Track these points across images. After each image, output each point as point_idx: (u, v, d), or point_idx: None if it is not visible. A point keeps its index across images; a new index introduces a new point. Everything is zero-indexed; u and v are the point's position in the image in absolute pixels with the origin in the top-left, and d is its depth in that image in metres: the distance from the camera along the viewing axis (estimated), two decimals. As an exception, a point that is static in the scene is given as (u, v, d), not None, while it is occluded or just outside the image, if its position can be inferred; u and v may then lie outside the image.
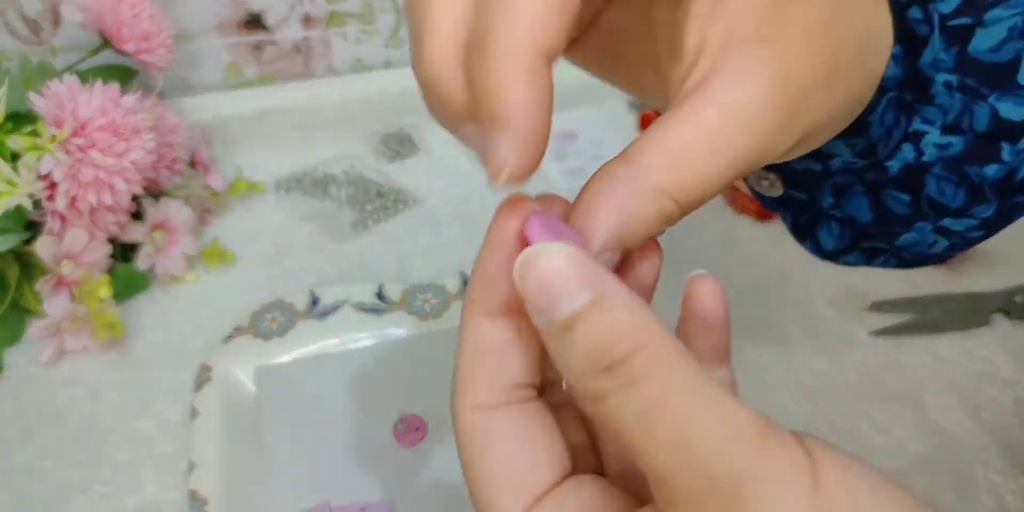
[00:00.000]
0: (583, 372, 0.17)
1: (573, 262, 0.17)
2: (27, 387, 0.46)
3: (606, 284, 0.17)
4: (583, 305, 0.17)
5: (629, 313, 0.17)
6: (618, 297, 0.17)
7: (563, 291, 0.17)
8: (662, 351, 0.17)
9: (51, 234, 0.46)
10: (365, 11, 0.69)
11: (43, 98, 0.44)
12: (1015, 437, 0.43)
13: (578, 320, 0.17)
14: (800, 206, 0.30)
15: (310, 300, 0.48)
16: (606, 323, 0.17)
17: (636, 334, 0.17)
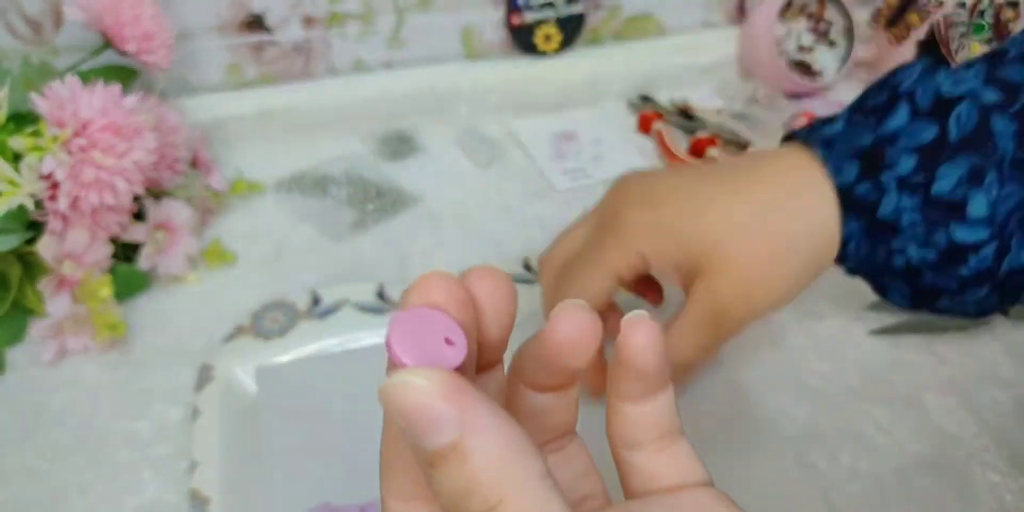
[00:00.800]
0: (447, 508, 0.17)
1: (435, 399, 0.16)
2: (28, 387, 0.46)
3: (471, 424, 0.16)
4: (444, 447, 0.16)
5: (492, 460, 0.16)
6: (484, 440, 0.16)
7: (424, 429, 0.16)
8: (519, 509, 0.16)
9: (53, 234, 0.46)
10: (366, 12, 0.69)
11: (45, 98, 0.45)
12: (1015, 437, 0.43)
13: (439, 460, 0.16)
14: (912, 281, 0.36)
15: (311, 300, 0.48)
16: (465, 472, 0.16)
17: (495, 488, 0.16)
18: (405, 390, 0.16)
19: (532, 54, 0.73)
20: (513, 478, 0.16)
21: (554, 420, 0.22)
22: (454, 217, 0.58)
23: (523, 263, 0.51)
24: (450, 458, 0.16)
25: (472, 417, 0.16)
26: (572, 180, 0.62)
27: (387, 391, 0.16)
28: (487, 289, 0.20)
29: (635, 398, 0.21)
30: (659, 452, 0.21)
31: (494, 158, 0.65)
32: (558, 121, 0.69)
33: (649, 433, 0.21)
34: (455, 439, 0.16)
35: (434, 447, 0.16)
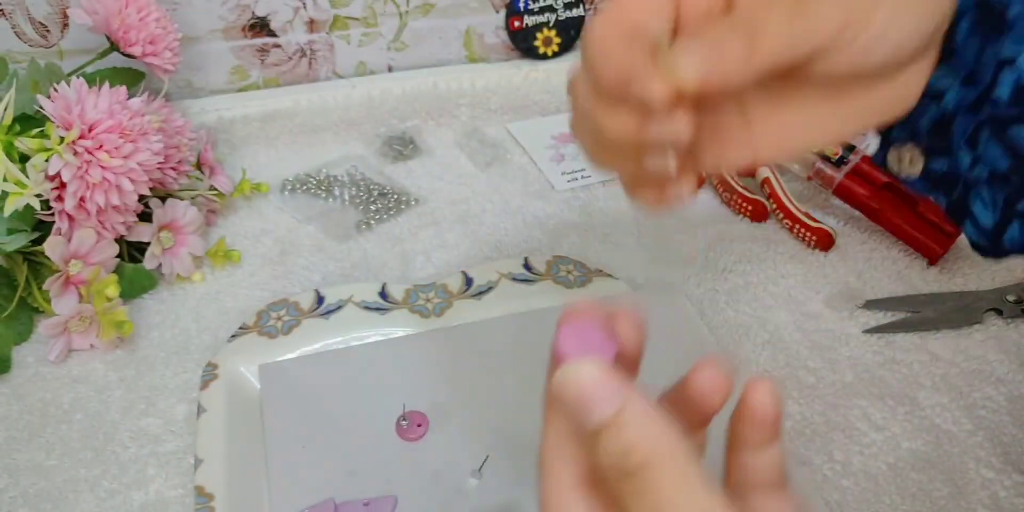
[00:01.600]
0: (607, 470, 0.22)
1: (598, 381, 0.22)
2: (35, 385, 0.46)
3: (626, 402, 0.21)
4: (605, 420, 0.21)
5: (643, 429, 0.21)
6: (635, 414, 0.21)
7: (590, 406, 0.21)
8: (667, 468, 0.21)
9: (59, 234, 0.46)
10: (368, 15, 0.69)
11: (51, 101, 0.45)
12: (1008, 434, 0.43)
13: (602, 431, 0.21)
14: (947, 179, 0.31)
15: (315, 299, 0.49)
16: (623, 438, 0.21)
17: (647, 450, 0.21)
18: (577, 376, 0.22)
19: (532, 57, 0.74)
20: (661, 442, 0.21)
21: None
22: (456, 217, 0.59)
23: (523, 263, 0.52)
24: (611, 427, 0.21)
25: (626, 396, 0.21)
26: (571, 181, 0.63)
27: (562, 378, 0.22)
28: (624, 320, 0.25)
29: (753, 447, 0.25)
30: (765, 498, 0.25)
31: (495, 159, 0.66)
32: (558, 123, 0.70)
33: (763, 478, 0.25)
34: (615, 411, 0.21)
35: (599, 419, 0.21)
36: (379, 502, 0.39)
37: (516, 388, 0.45)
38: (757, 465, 0.25)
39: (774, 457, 0.25)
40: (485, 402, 0.44)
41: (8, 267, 0.49)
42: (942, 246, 0.53)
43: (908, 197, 0.56)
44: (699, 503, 0.20)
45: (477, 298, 0.50)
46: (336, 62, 0.71)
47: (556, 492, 0.24)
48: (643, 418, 0.21)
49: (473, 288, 0.50)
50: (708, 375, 0.24)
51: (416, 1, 0.69)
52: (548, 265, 0.52)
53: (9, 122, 0.46)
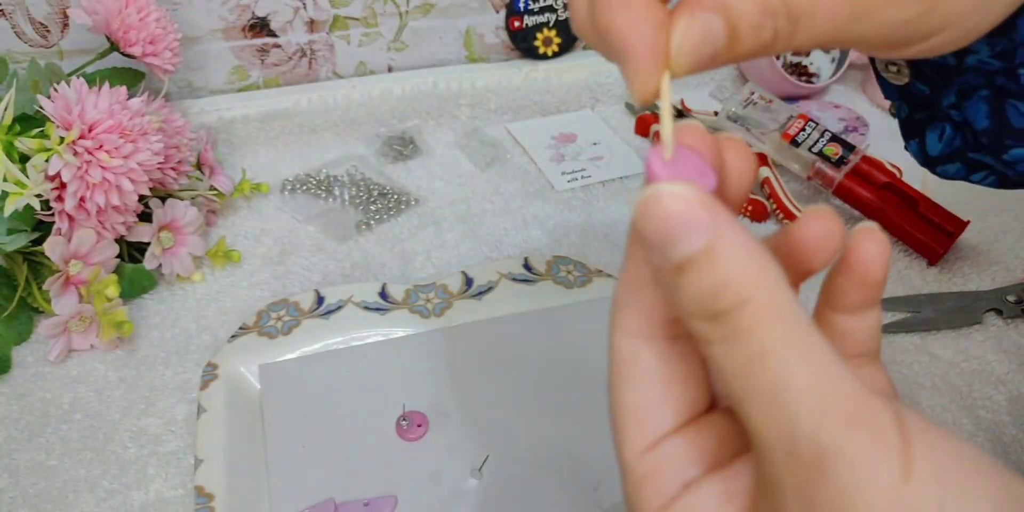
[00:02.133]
0: (691, 315, 0.18)
1: (691, 206, 0.17)
2: (35, 385, 0.46)
3: (722, 231, 0.17)
4: (695, 252, 0.17)
5: (740, 264, 0.17)
6: (732, 246, 0.17)
7: (677, 235, 0.17)
8: (768, 307, 0.17)
9: (59, 234, 0.46)
10: (368, 15, 0.69)
11: (51, 101, 0.45)
12: (1008, 434, 0.43)
13: (689, 266, 0.17)
14: (920, 101, 0.30)
15: (315, 299, 0.49)
16: (715, 273, 0.17)
17: (744, 288, 0.17)
18: (665, 199, 0.17)
19: (532, 57, 0.74)
20: (760, 279, 0.17)
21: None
22: (456, 217, 0.59)
23: (523, 263, 0.52)
24: (701, 261, 0.17)
25: (722, 224, 0.17)
26: (571, 181, 0.63)
27: (646, 200, 0.17)
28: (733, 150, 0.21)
29: (851, 309, 0.21)
30: (857, 369, 0.22)
31: (495, 159, 0.66)
32: (557, 123, 0.70)
33: (856, 347, 0.22)
34: (708, 242, 0.17)
35: (687, 252, 0.17)
36: (379, 502, 0.39)
37: (516, 388, 0.45)
38: (853, 331, 0.22)
39: (872, 322, 0.22)
40: (485, 402, 0.44)
41: (8, 267, 0.49)
42: (942, 246, 0.53)
43: (908, 197, 0.56)
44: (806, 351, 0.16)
45: (477, 298, 0.50)
46: (336, 62, 0.71)
47: (623, 340, 0.20)
48: (741, 252, 0.17)
49: (473, 288, 0.50)
50: (822, 222, 0.20)
51: (416, 1, 0.69)
52: (548, 265, 0.52)
53: (9, 122, 0.46)
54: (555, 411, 0.43)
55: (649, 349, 0.20)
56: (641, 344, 0.20)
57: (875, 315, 0.22)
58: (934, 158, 0.31)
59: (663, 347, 0.20)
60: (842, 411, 0.16)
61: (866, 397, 0.16)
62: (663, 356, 0.20)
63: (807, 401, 0.16)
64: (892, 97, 0.32)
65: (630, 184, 0.63)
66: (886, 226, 0.56)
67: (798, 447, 0.16)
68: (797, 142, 0.61)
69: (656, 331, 0.20)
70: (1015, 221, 0.58)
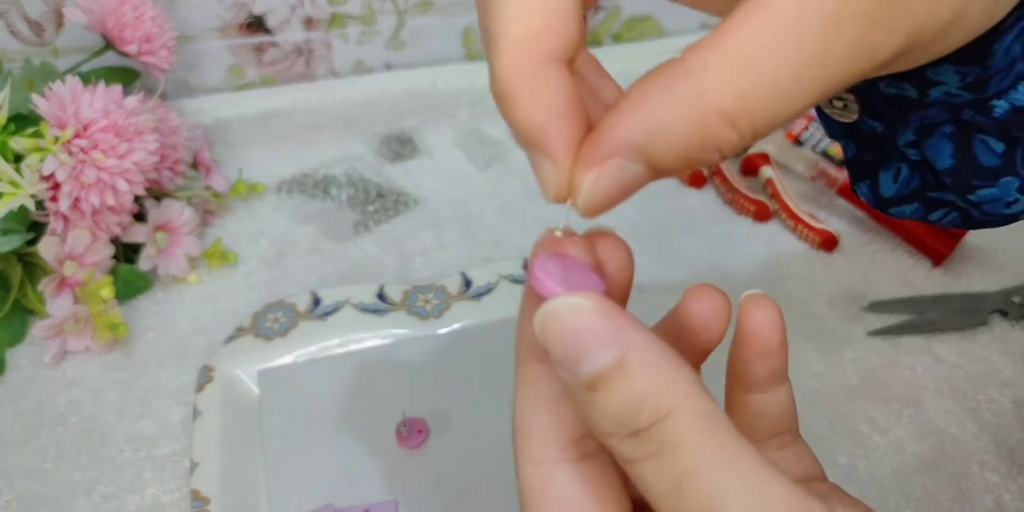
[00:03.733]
0: (609, 434, 0.16)
1: (595, 318, 0.16)
2: (30, 388, 0.46)
3: (632, 341, 0.16)
4: (605, 367, 0.16)
5: (656, 374, 0.16)
6: (643, 356, 0.16)
7: (585, 350, 0.16)
8: (691, 418, 0.16)
9: (54, 235, 0.46)
10: (366, 13, 0.69)
11: (46, 100, 0.45)
12: (1013, 437, 0.43)
13: (601, 382, 0.16)
14: (870, 139, 0.27)
15: (312, 301, 0.48)
16: (631, 388, 0.16)
17: (663, 399, 0.16)
18: (565, 313, 0.16)
19: (532, 55, 0.73)
20: (678, 388, 0.16)
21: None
22: (455, 218, 0.59)
23: (523, 264, 0.51)
24: (613, 377, 0.16)
25: (630, 333, 0.16)
26: (572, 181, 0.62)
27: (547, 317, 0.16)
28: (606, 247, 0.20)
29: (761, 385, 0.21)
30: (782, 449, 0.22)
31: (494, 159, 0.65)
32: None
33: (772, 427, 0.21)
34: (618, 355, 0.16)
35: (597, 368, 0.16)
36: (380, 508, 0.39)
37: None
38: (768, 409, 0.21)
39: (784, 398, 0.21)
40: (487, 407, 0.44)
41: (2, 268, 0.48)
42: (947, 247, 0.53)
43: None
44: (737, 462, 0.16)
45: (476, 300, 0.49)
46: (334, 61, 0.71)
47: (531, 469, 0.19)
48: (654, 360, 0.16)
49: (472, 289, 0.50)
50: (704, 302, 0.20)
51: (415, -1, 0.69)
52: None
53: (4, 121, 0.45)
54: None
55: (559, 475, 0.19)
56: (549, 471, 0.19)
57: (786, 390, 0.22)
58: (888, 199, 0.28)
59: (574, 470, 0.19)
60: None
61: (801, 504, 0.16)
62: (575, 480, 0.19)
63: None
64: (836, 135, 0.28)
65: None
66: (890, 226, 0.56)
67: None
68: (800, 141, 0.60)
69: (563, 454, 0.19)
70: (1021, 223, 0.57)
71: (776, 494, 0.15)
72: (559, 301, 0.16)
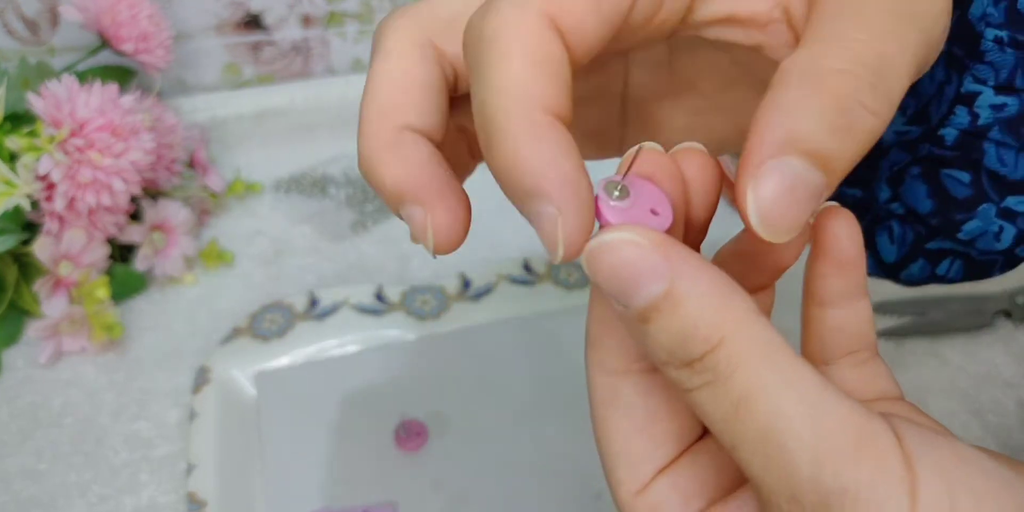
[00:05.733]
0: (664, 364, 0.16)
1: (642, 251, 0.16)
2: (25, 388, 0.46)
3: (680, 271, 0.16)
4: (655, 298, 0.16)
5: (706, 302, 0.16)
6: (694, 285, 0.16)
7: (633, 284, 0.16)
8: (744, 344, 0.16)
9: (49, 235, 0.46)
10: (364, 11, 0.68)
11: (41, 98, 0.44)
12: (1017, 439, 0.43)
13: (652, 313, 0.16)
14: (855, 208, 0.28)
15: (309, 301, 0.48)
16: (681, 317, 0.16)
17: (715, 328, 0.16)
18: (613, 246, 0.16)
19: (531, 54, 0.73)
20: (730, 315, 0.16)
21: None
22: (453, 217, 0.58)
23: (523, 263, 0.51)
24: (663, 307, 0.16)
25: (680, 264, 0.16)
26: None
27: (595, 249, 0.16)
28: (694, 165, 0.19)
29: (837, 299, 0.21)
30: (856, 368, 0.21)
31: (493, 158, 0.65)
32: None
33: (848, 343, 0.21)
34: (667, 287, 0.16)
35: (647, 300, 0.16)
36: (377, 511, 0.39)
37: (517, 394, 0.44)
38: (846, 324, 0.21)
39: (863, 314, 0.21)
40: (486, 409, 0.43)
41: (-3, 268, 0.48)
42: (948, 246, 0.52)
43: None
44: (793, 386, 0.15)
45: (475, 300, 0.49)
46: (331, 59, 0.70)
47: (601, 378, 0.19)
48: (705, 289, 0.16)
49: (471, 290, 0.49)
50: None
51: (413, -3, 0.69)
52: (548, 266, 0.51)
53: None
54: (557, 417, 0.43)
55: (629, 385, 0.19)
56: (620, 380, 0.19)
57: (864, 306, 0.21)
58: (893, 264, 0.29)
59: (643, 381, 0.19)
60: (841, 446, 0.15)
61: (864, 424, 0.15)
62: (645, 391, 0.19)
63: (803, 442, 0.15)
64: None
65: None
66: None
67: (800, 491, 0.15)
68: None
69: (634, 365, 0.19)
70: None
71: (836, 415, 0.15)
72: (608, 234, 0.16)
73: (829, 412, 0.15)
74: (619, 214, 0.17)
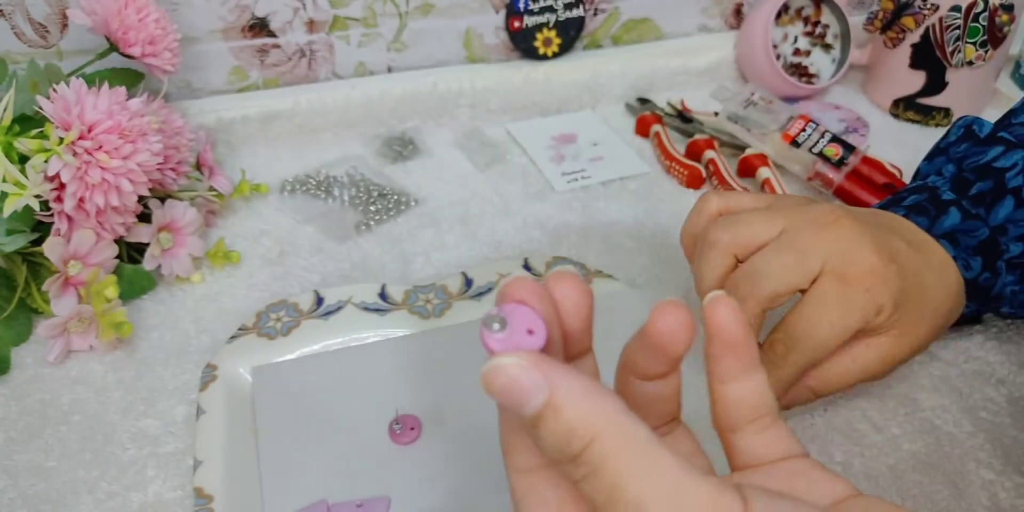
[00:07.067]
0: (556, 461, 0.20)
1: (525, 370, 0.19)
2: (34, 386, 0.46)
3: (557, 384, 0.19)
4: (540, 407, 0.19)
5: (580, 407, 0.19)
6: (568, 394, 0.19)
7: (521, 398, 0.19)
8: (614, 439, 0.19)
9: (58, 235, 0.46)
10: (368, 15, 0.69)
11: (50, 101, 0.45)
12: (1009, 435, 0.43)
13: (539, 421, 0.20)
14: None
15: (314, 300, 0.49)
16: (561, 422, 0.19)
17: (588, 427, 0.19)
18: (499, 370, 0.20)
19: (532, 57, 0.73)
20: (601, 416, 0.19)
21: (661, 407, 0.26)
22: (455, 218, 0.59)
23: (523, 263, 0.52)
24: (546, 415, 0.19)
25: (555, 378, 0.19)
26: (571, 181, 0.63)
27: (486, 375, 0.20)
28: (563, 288, 0.23)
29: (733, 376, 0.24)
30: (760, 433, 0.25)
31: (494, 160, 0.65)
32: (557, 123, 0.70)
33: (750, 413, 0.24)
34: (546, 397, 0.19)
35: (533, 410, 0.19)
36: (372, 503, 0.39)
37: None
38: (743, 398, 0.24)
39: (759, 386, 0.24)
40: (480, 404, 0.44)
41: (7, 268, 0.49)
42: (942, 247, 0.53)
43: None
44: (655, 470, 0.19)
45: (477, 299, 0.50)
46: (336, 62, 0.71)
47: (516, 477, 0.23)
48: (579, 396, 0.19)
49: (473, 289, 0.50)
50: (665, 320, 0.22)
51: (416, 1, 0.69)
52: (548, 266, 0.51)
53: (8, 123, 0.46)
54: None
55: (540, 480, 0.23)
56: (532, 477, 0.23)
57: (760, 378, 0.24)
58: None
59: (551, 476, 0.23)
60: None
61: (717, 498, 0.18)
62: (553, 483, 0.23)
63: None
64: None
65: (630, 184, 0.63)
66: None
67: None
68: (798, 143, 0.61)
69: (542, 462, 0.23)
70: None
71: (692, 494, 0.18)
72: (496, 360, 0.20)
73: (685, 492, 0.18)
74: (500, 343, 0.21)
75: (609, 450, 0.19)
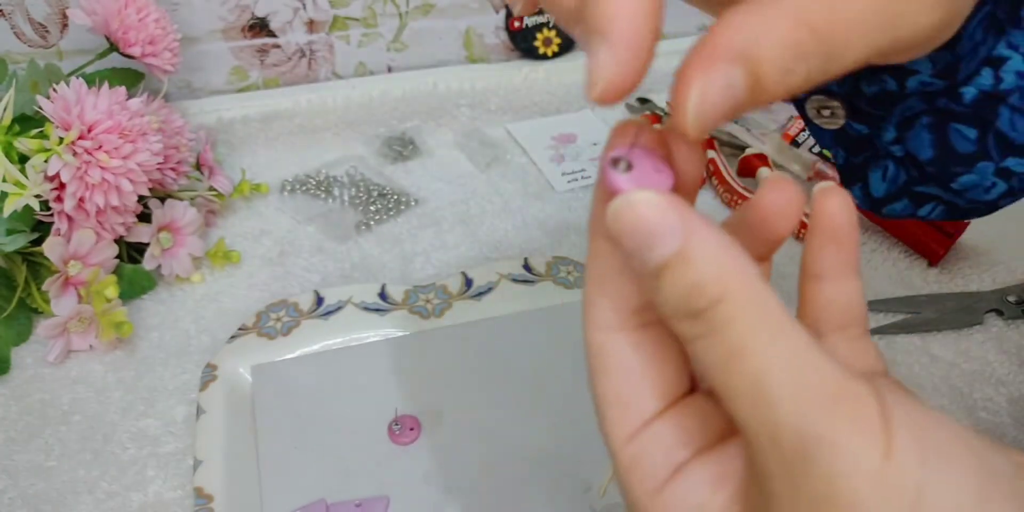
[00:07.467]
0: (672, 316, 0.18)
1: (661, 211, 0.18)
2: (34, 386, 0.46)
3: (692, 232, 0.17)
4: (668, 256, 0.17)
5: (713, 262, 0.17)
6: (703, 246, 0.17)
7: (649, 242, 0.18)
8: (743, 302, 0.17)
9: (58, 235, 0.46)
10: (368, 15, 0.69)
11: (50, 101, 0.45)
12: (1009, 436, 0.43)
13: (664, 269, 0.18)
14: (857, 142, 0.30)
15: (314, 300, 0.49)
16: (689, 274, 0.17)
17: (718, 285, 0.17)
18: (635, 207, 0.18)
19: (532, 57, 0.73)
20: (733, 275, 0.17)
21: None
22: (455, 218, 0.59)
23: (523, 263, 0.52)
24: (675, 263, 0.17)
25: (692, 225, 0.17)
26: (571, 181, 0.63)
27: (616, 212, 0.18)
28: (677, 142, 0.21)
29: (830, 273, 0.22)
30: (847, 342, 0.23)
31: (494, 160, 0.65)
32: (557, 123, 0.70)
33: (840, 318, 0.22)
34: (680, 245, 0.17)
35: (662, 256, 0.17)
36: (371, 503, 0.39)
37: (510, 389, 0.45)
38: (836, 299, 0.22)
39: (853, 291, 0.22)
40: (479, 404, 0.44)
41: (7, 268, 0.49)
42: (943, 247, 0.53)
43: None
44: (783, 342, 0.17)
45: (477, 299, 0.50)
46: (336, 63, 0.71)
47: (596, 334, 0.21)
48: (713, 250, 0.17)
49: (473, 289, 0.50)
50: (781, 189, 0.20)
51: (416, 1, 0.69)
52: (548, 266, 0.51)
53: (8, 123, 0.46)
54: (548, 412, 0.43)
55: (623, 340, 0.21)
56: (614, 336, 0.21)
57: (856, 285, 0.22)
58: (879, 199, 0.31)
59: (636, 336, 0.21)
60: (821, 397, 0.16)
61: (845, 380, 0.17)
62: (637, 345, 0.21)
63: (786, 391, 0.16)
64: (826, 144, 0.31)
65: (630, 185, 0.63)
66: (886, 227, 0.56)
67: (781, 436, 0.16)
68: (798, 142, 0.61)
69: (627, 322, 0.21)
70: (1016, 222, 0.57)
71: (819, 371, 0.16)
72: (630, 195, 0.18)
73: (813, 368, 0.16)
74: (628, 181, 0.19)
75: (738, 312, 0.17)
